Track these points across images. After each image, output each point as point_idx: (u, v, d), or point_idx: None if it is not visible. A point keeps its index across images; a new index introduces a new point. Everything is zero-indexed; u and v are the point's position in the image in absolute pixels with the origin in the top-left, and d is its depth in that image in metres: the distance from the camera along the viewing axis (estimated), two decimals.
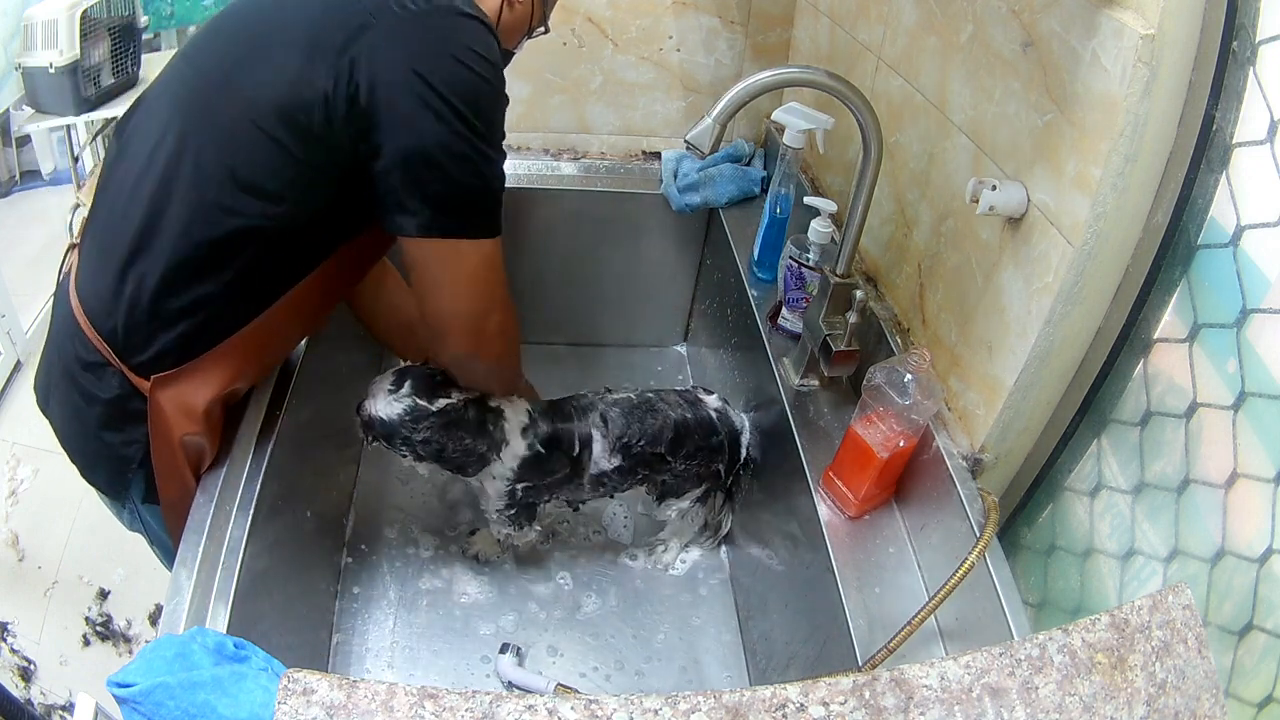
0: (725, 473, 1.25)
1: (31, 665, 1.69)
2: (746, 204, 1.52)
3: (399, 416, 1.05)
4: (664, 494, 1.26)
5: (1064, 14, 0.76)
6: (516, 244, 1.59)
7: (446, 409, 1.07)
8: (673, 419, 1.18)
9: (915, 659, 0.82)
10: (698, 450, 1.20)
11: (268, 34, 0.89)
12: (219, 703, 0.62)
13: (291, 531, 1.08)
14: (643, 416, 1.18)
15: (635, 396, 1.20)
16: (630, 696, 0.55)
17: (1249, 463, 0.68)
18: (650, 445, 1.17)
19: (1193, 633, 0.60)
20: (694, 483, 1.25)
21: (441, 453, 1.09)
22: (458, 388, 1.09)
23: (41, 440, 2.09)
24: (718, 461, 1.23)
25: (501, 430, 1.11)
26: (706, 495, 1.28)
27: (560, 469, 1.16)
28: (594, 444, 1.16)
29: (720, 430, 1.21)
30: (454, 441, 1.08)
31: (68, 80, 2.62)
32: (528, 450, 1.12)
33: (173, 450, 0.94)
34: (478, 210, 0.92)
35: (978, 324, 0.92)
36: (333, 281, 1.01)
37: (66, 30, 2.57)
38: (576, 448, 1.15)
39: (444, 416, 1.07)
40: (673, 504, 1.27)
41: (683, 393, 1.24)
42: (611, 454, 1.16)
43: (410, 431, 1.06)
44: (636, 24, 1.47)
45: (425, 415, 1.06)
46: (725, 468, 1.24)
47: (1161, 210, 0.75)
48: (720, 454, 1.23)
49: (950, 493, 0.90)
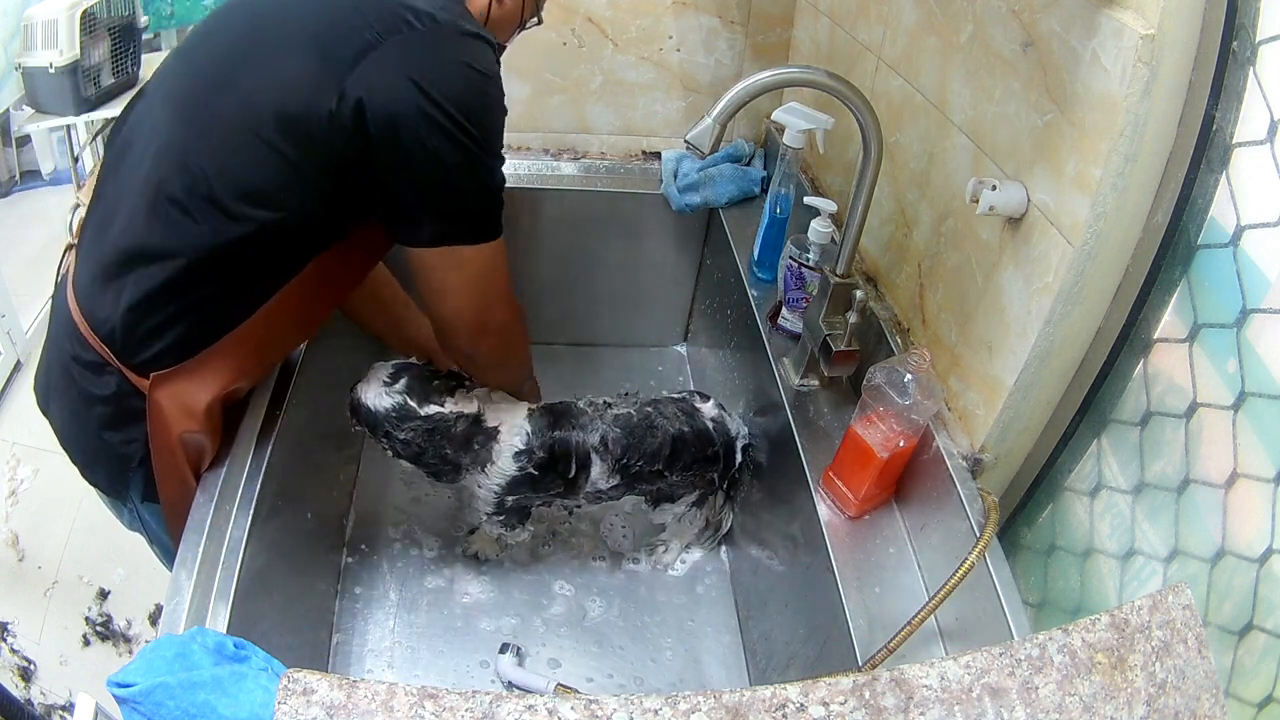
0: (720, 479, 1.25)
1: (31, 665, 1.69)
2: (746, 204, 1.52)
3: (385, 410, 1.06)
4: (658, 500, 1.26)
5: (1064, 14, 0.76)
6: (517, 244, 1.59)
7: (433, 416, 1.07)
8: (671, 434, 1.17)
9: (915, 659, 0.81)
10: (694, 462, 1.20)
11: (268, 37, 0.89)
12: (219, 703, 0.62)
13: (291, 531, 1.08)
14: (642, 436, 1.16)
15: (635, 412, 1.18)
16: (630, 696, 0.55)
17: (1249, 463, 0.68)
18: (648, 464, 1.16)
19: (1193, 633, 0.60)
20: (688, 490, 1.25)
21: (420, 456, 1.09)
22: (455, 396, 1.09)
23: (41, 440, 2.09)
24: (712, 470, 1.23)
25: (490, 451, 1.11)
26: (702, 500, 1.28)
27: (554, 488, 1.16)
28: (593, 466, 1.15)
29: (716, 441, 1.21)
30: (434, 448, 1.08)
31: (68, 80, 2.62)
32: (518, 472, 1.12)
33: (172, 449, 0.94)
34: (482, 217, 0.94)
35: (978, 324, 0.92)
36: (329, 281, 1.01)
37: (66, 30, 2.58)
38: (573, 470, 1.15)
39: (429, 423, 1.07)
40: (668, 509, 1.27)
41: (680, 402, 1.23)
42: (610, 474, 1.16)
43: (393, 428, 1.07)
44: (636, 24, 1.47)
45: (411, 417, 1.06)
46: (720, 474, 1.24)
47: (1161, 210, 0.75)
48: (715, 463, 1.22)
49: (950, 493, 0.90)
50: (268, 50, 0.88)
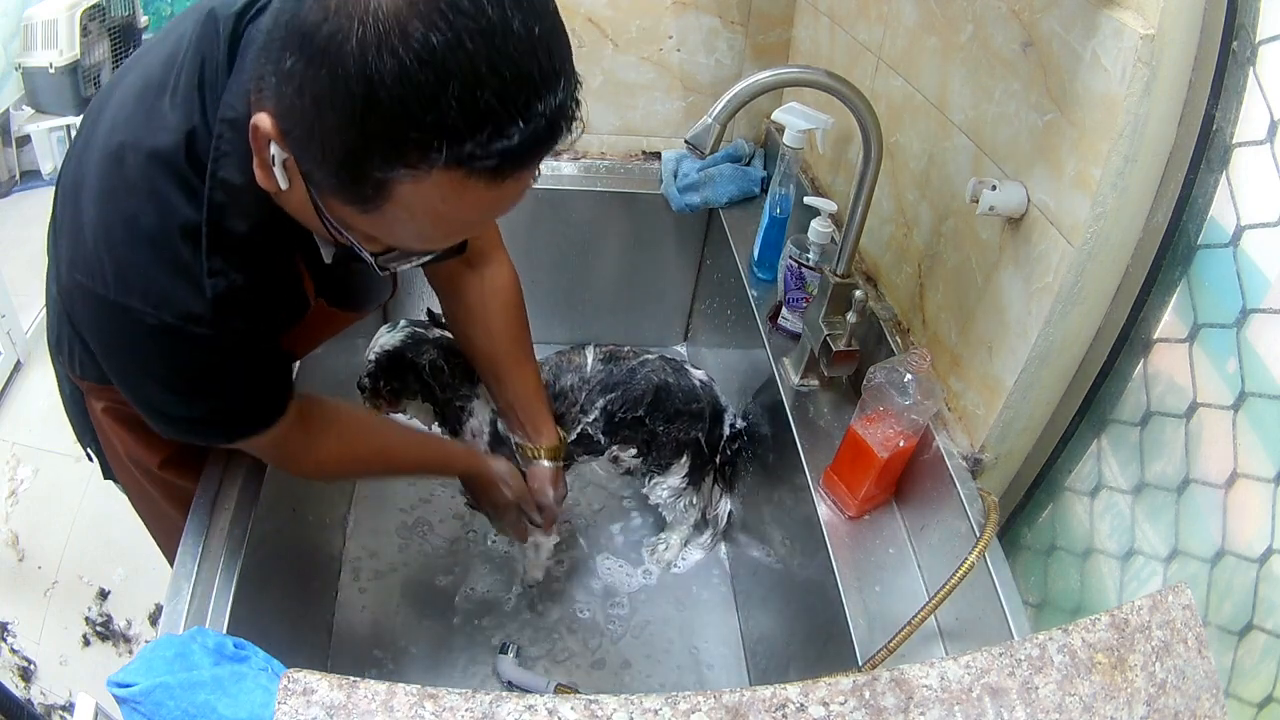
0: (706, 443, 1.26)
1: (31, 665, 1.69)
2: (746, 204, 1.52)
3: (402, 341, 1.14)
4: (648, 463, 1.27)
5: (1064, 14, 0.76)
6: (516, 244, 1.59)
7: (442, 339, 1.15)
8: (654, 382, 1.22)
9: (915, 659, 0.81)
10: (677, 415, 1.22)
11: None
12: (219, 703, 0.62)
13: (291, 531, 1.08)
14: (627, 379, 1.22)
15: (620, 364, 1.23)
16: (630, 697, 0.55)
17: (1249, 463, 0.68)
18: (632, 409, 1.21)
19: (1193, 633, 0.60)
20: (675, 452, 1.25)
21: (442, 379, 1.14)
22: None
23: (41, 440, 2.10)
24: (697, 429, 1.24)
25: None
26: (695, 474, 1.28)
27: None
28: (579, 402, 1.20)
29: (702, 399, 1.24)
30: (452, 368, 1.14)
31: (68, 80, 2.62)
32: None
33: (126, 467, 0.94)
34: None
35: (978, 324, 0.92)
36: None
37: (66, 30, 2.58)
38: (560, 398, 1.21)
39: (442, 341, 1.15)
40: (661, 483, 1.27)
41: (669, 361, 1.27)
42: (594, 405, 1.21)
43: (415, 355, 1.13)
44: (636, 24, 1.46)
45: (425, 339, 1.14)
46: (706, 437, 1.25)
47: (1161, 210, 0.75)
48: (700, 420, 1.24)
49: (950, 493, 0.90)
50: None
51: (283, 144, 0.60)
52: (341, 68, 0.52)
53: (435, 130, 0.53)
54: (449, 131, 0.53)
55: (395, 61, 0.51)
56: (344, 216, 0.63)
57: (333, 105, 0.54)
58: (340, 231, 0.65)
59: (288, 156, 0.61)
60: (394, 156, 0.55)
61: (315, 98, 0.55)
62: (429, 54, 0.51)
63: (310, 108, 0.55)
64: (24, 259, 2.70)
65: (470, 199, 0.58)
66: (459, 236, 0.68)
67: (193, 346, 0.69)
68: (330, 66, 0.53)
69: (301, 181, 0.62)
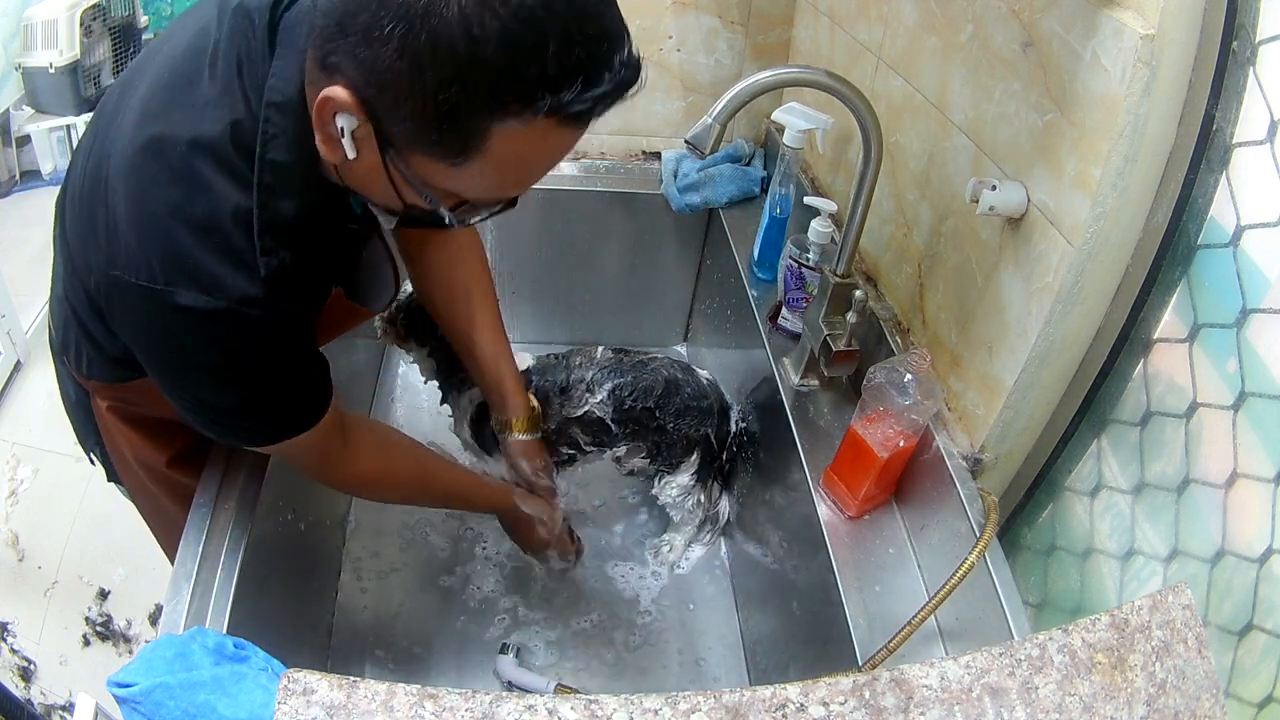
0: (715, 439, 1.26)
1: (31, 665, 1.69)
2: (746, 204, 1.52)
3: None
4: (659, 466, 1.27)
5: (1064, 14, 0.76)
6: (516, 244, 1.59)
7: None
8: (664, 376, 1.23)
9: (915, 659, 0.81)
10: (687, 409, 1.23)
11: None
12: (219, 703, 0.63)
13: (292, 531, 1.08)
14: (636, 373, 1.23)
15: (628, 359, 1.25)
16: (630, 697, 0.55)
17: (1249, 463, 0.68)
18: (642, 399, 1.22)
19: (1193, 633, 0.60)
20: (686, 449, 1.25)
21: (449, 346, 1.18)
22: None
23: (41, 440, 2.10)
24: (707, 425, 1.25)
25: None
26: (704, 471, 1.28)
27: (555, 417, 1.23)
28: (590, 397, 1.21)
29: (710, 395, 1.25)
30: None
31: (68, 80, 2.63)
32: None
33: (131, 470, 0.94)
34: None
35: (978, 324, 0.92)
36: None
37: (66, 30, 2.58)
38: (570, 392, 1.22)
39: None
40: (671, 482, 1.27)
41: (677, 362, 1.28)
42: (605, 404, 1.21)
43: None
44: (636, 24, 1.45)
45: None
46: (715, 434, 1.26)
47: (1161, 210, 0.75)
48: (710, 416, 1.25)
49: (950, 493, 0.90)
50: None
51: (358, 112, 0.62)
52: (445, 30, 0.57)
53: (538, 83, 0.59)
54: (550, 83, 0.59)
55: (499, 23, 0.56)
56: (428, 174, 0.66)
57: (435, 64, 0.58)
58: (418, 188, 0.67)
59: (359, 125, 0.63)
60: (498, 108, 0.60)
61: (415, 59, 0.58)
62: (527, 14, 0.57)
63: (409, 69, 0.59)
64: (24, 259, 2.70)
65: (554, 143, 0.65)
66: (532, 183, 0.72)
67: (245, 331, 0.70)
68: (432, 30, 0.57)
69: (372, 148, 0.65)
